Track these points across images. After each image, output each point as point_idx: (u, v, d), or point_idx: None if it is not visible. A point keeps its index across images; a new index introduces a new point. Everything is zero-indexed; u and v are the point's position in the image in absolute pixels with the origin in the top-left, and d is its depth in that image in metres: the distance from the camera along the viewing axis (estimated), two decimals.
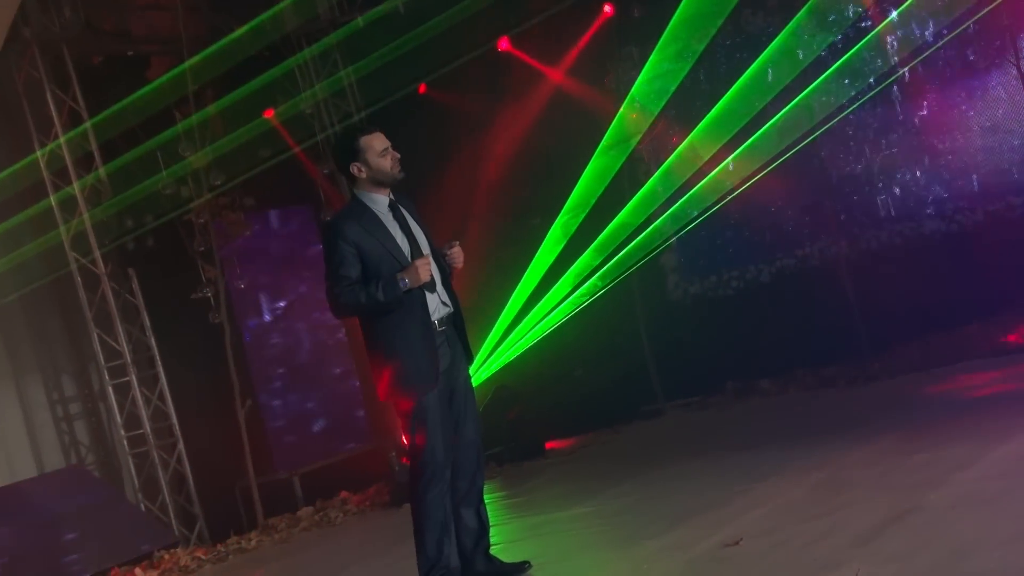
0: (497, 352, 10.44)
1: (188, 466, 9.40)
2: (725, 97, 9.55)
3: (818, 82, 9.25)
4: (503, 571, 5.53)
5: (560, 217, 10.33)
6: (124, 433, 9.30)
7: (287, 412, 10.86)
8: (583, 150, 10.17)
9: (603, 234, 10.12)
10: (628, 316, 10.41)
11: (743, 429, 8.62)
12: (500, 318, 10.46)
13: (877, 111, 9.43)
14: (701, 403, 9.91)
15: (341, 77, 10.48)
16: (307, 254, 11.17)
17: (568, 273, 10.33)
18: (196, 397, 9.93)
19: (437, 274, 5.33)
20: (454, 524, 5.38)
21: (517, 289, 10.44)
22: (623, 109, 10.07)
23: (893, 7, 9.08)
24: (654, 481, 7.38)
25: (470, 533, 5.44)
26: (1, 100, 9.51)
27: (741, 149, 9.56)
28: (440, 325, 5.30)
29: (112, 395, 9.33)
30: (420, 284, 5.18)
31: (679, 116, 10.09)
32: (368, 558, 7.29)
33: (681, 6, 9.46)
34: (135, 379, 9.26)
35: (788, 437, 7.64)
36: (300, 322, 11.15)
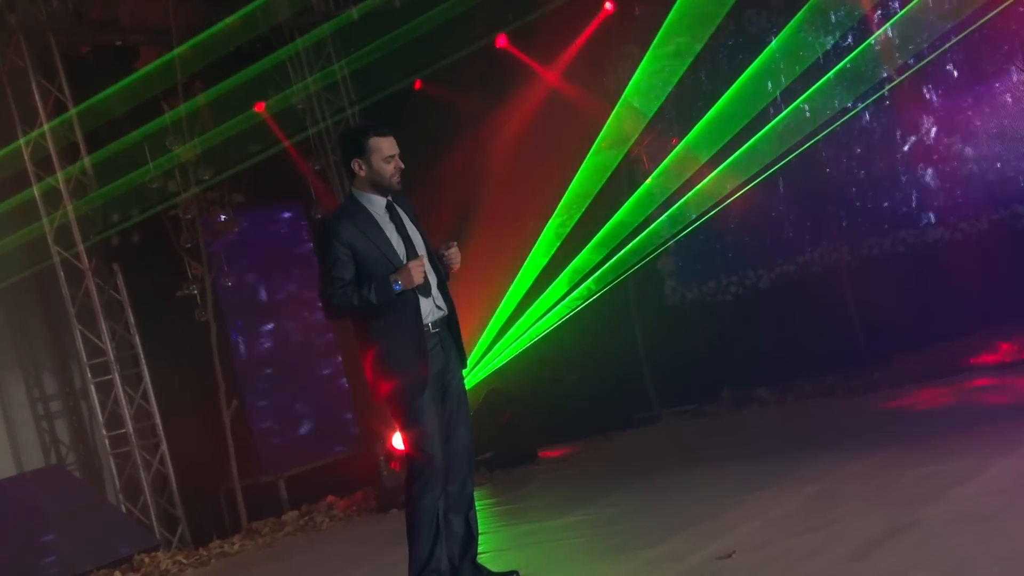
0: (489, 355, 10.33)
1: (171, 467, 9.27)
2: (724, 97, 9.51)
3: (819, 84, 9.23)
4: None
5: (555, 217, 10.25)
6: (106, 433, 9.17)
7: (273, 413, 10.75)
8: (580, 150, 10.07)
9: (600, 234, 10.05)
10: (624, 321, 10.34)
11: (739, 438, 8.58)
12: (493, 319, 10.38)
13: (881, 116, 9.37)
14: (697, 411, 9.83)
15: (334, 70, 10.37)
16: (296, 252, 11.10)
17: (563, 274, 10.24)
18: (180, 397, 9.83)
19: (432, 276, 5.31)
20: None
21: (510, 290, 10.35)
22: (621, 109, 9.98)
23: (898, 10, 9.00)
24: (647, 490, 7.37)
25: (458, 540, 5.39)
26: None
27: (741, 150, 9.50)
28: (434, 328, 5.27)
29: (94, 393, 9.18)
30: (413, 286, 5.15)
31: (679, 117, 10.01)
32: (354, 564, 7.24)
33: (679, 5, 9.38)
34: (118, 377, 9.12)
35: (784, 447, 7.63)
36: (288, 321, 11.04)
